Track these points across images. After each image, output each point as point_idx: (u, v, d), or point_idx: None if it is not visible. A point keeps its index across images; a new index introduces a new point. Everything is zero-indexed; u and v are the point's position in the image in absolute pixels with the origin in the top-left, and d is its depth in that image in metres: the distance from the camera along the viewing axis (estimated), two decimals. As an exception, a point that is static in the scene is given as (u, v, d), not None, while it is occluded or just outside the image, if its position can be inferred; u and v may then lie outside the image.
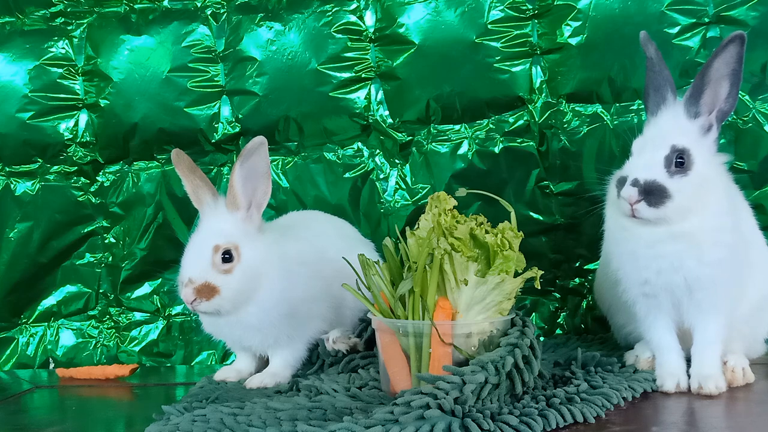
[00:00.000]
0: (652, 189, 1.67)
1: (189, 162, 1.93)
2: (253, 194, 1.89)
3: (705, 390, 1.69)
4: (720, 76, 1.72)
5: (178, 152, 1.94)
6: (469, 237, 1.63)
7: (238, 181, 1.87)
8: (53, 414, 1.96)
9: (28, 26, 2.56)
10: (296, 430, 1.43)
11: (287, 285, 1.91)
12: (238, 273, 1.85)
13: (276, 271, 1.90)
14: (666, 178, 1.68)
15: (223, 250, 1.85)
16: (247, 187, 1.88)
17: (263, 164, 1.88)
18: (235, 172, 1.86)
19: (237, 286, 1.85)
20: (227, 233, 1.87)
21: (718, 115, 1.74)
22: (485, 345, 1.64)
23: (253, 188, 1.89)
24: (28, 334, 2.61)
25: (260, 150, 1.86)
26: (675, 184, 1.68)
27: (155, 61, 2.50)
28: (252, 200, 1.90)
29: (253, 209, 1.90)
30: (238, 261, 1.86)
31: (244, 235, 1.88)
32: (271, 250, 1.91)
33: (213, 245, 1.85)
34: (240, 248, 1.86)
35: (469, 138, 2.45)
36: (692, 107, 1.74)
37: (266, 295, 1.89)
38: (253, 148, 1.84)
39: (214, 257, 1.85)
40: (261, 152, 1.86)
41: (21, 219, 2.56)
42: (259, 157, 1.86)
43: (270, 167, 1.89)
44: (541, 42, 2.38)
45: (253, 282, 1.87)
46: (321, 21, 2.46)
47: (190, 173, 1.92)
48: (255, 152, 1.85)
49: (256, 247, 1.89)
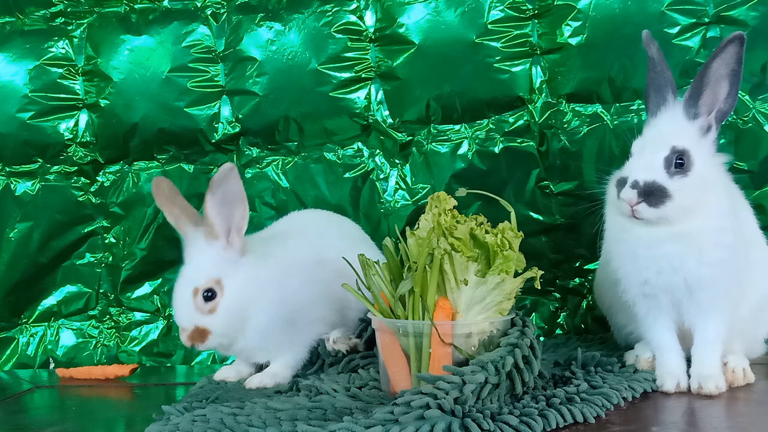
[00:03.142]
0: (652, 190, 1.68)
1: (168, 191, 1.90)
2: (231, 220, 1.86)
3: (705, 390, 1.69)
4: (719, 76, 1.72)
5: (157, 181, 1.91)
6: (469, 237, 1.63)
7: (212, 211, 1.83)
8: (53, 414, 1.96)
9: (28, 26, 2.56)
10: (296, 430, 1.43)
11: (281, 297, 1.90)
12: (222, 309, 1.84)
13: (266, 290, 1.89)
14: (666, 178, 1.69)
15: (202, 291, 1.84)
16: (223, 214, 1.84)
17: (236, 188, 1.84)
18: (208, 202, 1.82)
19: (225, 322, 1.85)
20: (207, 269, 1.85)
21: (718, 115, 1.75)
22: (485, 345, 1.64)
23: (230, 214, 1.85)
24: (29, 334, 2.61)
25: (231, 176, 1.82)
26: (675, 185, 1.68)
27: (155, 61, 2.51)
28: (231, 226, 1.86)
29: (233, 235, 1.86)
30: (221, 296, 1.84)
31: (226, 264, 1.86)
32: (257, 270, 1.88)
33: (192, 289, 1.84)
34: (222, 281, 1.84)
35: (469, 138, 2.45)
36: (691, 108, 1.74)
37: (261, 316, 1.88)
38: (222, 176, 1.81)
39: (195, 300, 1.83)
40: (232, 178, 1.82)
41: (21, 219, 2.56)
42: (231, 182, 1.83)
43: (244, 190, 1.86)
44: (541, 42, 2.38)
45: (242, 311, 1.86)
46: (321, 21, 2.46)
47: (170, 203, 1.90)
48: (225, 179, 1.81)
49: (239, 274, 1.86)
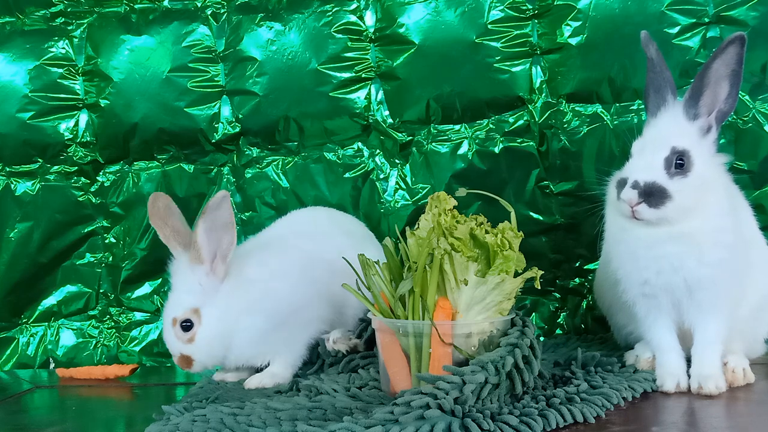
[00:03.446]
0: (652, 190, 1.68)
1: (163, 210, 1.91)
2: (218, 246, 1.88)
3: (705, 390, 1.69)
4: (720, 77, 1.72)
5: (154, 198, 1.92)
6: (469, 237, 1.63)
7: (202, 235, 1.85)
8: (53, 414, 1.96)
9: (28, 26, 2.56)
10: (296, 430, 1.43)
11: (266, 310, 1.91)
12: (200, 339, 1.87)
13: (244, 314, 1.89)
14: (666, 179, 1.69)
15: (180, 321, 1.87)
16: (211, 239, 1.87)
17: (227, 216, 1.86)
18: (199, 227, 1.85)
19: (205, 351, 1.88)
20: (185, 299, 1.88)
21: (718, 115, 1.74)
22: (485, 345, 1.64)
23: (218, 240, 1.87)
24: (29, 334, 2.61)
25: (223, 203, 1.84)
26: (675, 185, 1.68)
27: (155, 61, 2.51)
28: (217, 252, 1.88)
29: (218, 261, 1.88)
30: (198, 325, 1.87)
31: (205, 293, 1.88)
32: (236, 294, 1.89)
33: (171, 318, 1.88)
34: (200, 310, 1.87)
35: (469, 138, 2.45)
36: (691, 108, 1.74)
37: (244, 338, 1.90)
38: (216, 203, 1.83)
39: (175, 330, 1.87)
40: (224, 205, 1.85)
41: (21, 219, 2.56)
42: (222, 209, 1.85)
43: (234, 218, 1.88)
44: (541, 42, 2.38)
45: (221, 338, 1.88)
46: (321, 21, 2.46)
47: (162, 223, 1.91)
48: (219, 206, 1.84)
49: (217, 302, 1.88)
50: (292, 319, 1.94)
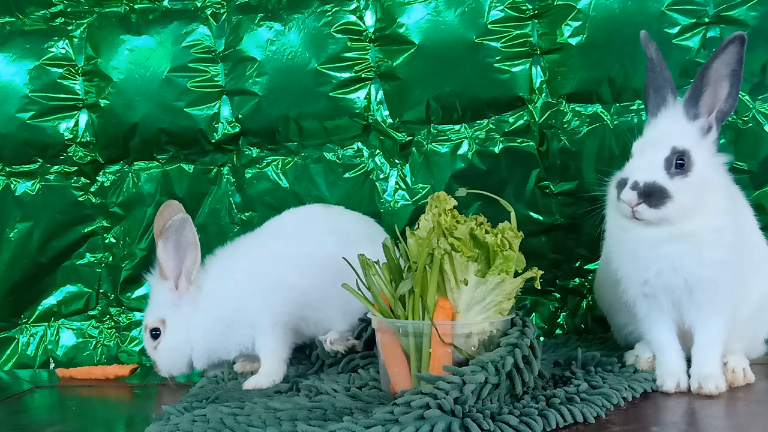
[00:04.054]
0: (652, 190, 1.68)
1: (161, 226, 2.00)
2: (182, 266, 2.00)
3: (705, 390, 1.69)
4: (720, 76, 1.72)
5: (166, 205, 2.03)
6: (469, 237, 1.63)
7: (163, 255, 1.99)
8: (53, 414, 1.96)
9: (28, 26, 2.56)
10: (296, 430, 1.43)
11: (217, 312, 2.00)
12: (162, 348, 2.02)
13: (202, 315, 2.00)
14: (666, 179, 1.69)
15: (149, 329, 2.04)
16: (174, 260, 1.99)
17: (190, 237, 1.98)
18: (159, 247, 1.98)
19: (166, 360, 2.03)
20: (154, 309, 2.04)
21: (718, 115, 1.74)
22: (485, 345, 1.64)
23: (181, 260, 2.00)
24: (29, 334, 2.61)
25: (184, 224, 1.96)
26: (675, 185, 1.68)
27: (155, 61, 2.50)
28: (181, 270, 2.00)
29: (182, 280, 2.00)
30: (163, 335, 2.02)
31: (169, 306, 2.02)
32: (195, 303, 2.00)
33: (144, 326, 2.05)
34: (166, 322, 2.02)
35: (469, 138, 2.45)
36: (692, 108, 1.74)
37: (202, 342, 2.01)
38: (176, 225, 1.95)
39: (146, 336, 2.05)
40: (186, 226, 1.97)
41: (21, 219, 2.56)
42: (185, 230, 1.97)
43: (197, 238, 1.99)
44: (541, 42, 2.38)
45: (180, 348, 2.02)
46: (321, 21, 2.46)
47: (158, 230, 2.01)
48: (180, 228, 1.96)
49: (179, 316, 2.00)
50: (260, 323, 1.99)
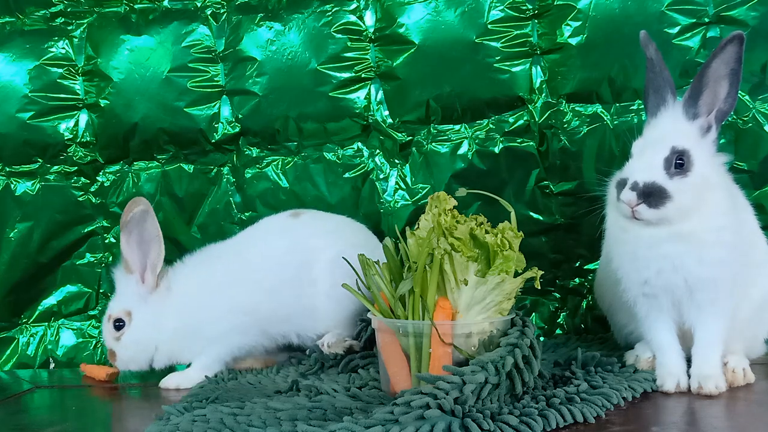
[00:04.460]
0: (652, 190, 1.68)
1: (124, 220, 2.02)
2: (146, 259, 2.03)
3: (705, 390, 1.69)
4: (719, 76, 1.72)
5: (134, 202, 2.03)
6: (469, 237, 1.63)
7: (127, 248, 2.02)
8: (53, 414, 1.96)
9: (28, 26, 2.56)
10: (296, 430, 1.43)
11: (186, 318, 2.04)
12: (126, 339, 2.05)
13: (168, 323, 2.04)
14: (666, 179, 1.68)
15: (113, 319, 2.07)
16: (138, 253, 2.03)
17: (153, 228, 2.02)
18: (122, 240, 2.01)
19: (128, 352, 2.06)
20: (120, 300, 2.08)
21: (718, 115, 1.74)
22: (485, 345, 1.64)
23: (145, 253, 2.03)
24: (29, 334, 2.61)
25: (146, 217, 2.00)
26: (675, 185, 1.68)
27: (155, 61, 2.50)
28: (146, 263, 2.03)
29: (148, 273, 2.04)
30: (128, 326, 2.04)
31: (137, 299, 2.05)
32: (164, 303, 2.05)
33: (108, 315, 2.08)
34: (132, 313, 2.05)
35: (469, 138, 2.45)
36: (691, 108, 1.74)
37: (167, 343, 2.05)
38: (135, 217, 1.99)
39: (108, 326, 2.08)
40: (148, 218, 2.00)
41: (21, 219, 2.56)
42: (147, 222, 2.00)
43: (160, 230, 2.03)
44: (541, 42, 2.38)
45: (145, 343, 2.05)
46: (321, 21, 2.46)
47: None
48: (141, 220, 1.99)
49: (146, 310, 2.04)
50: (209, 328, 2.04)
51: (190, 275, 2.09)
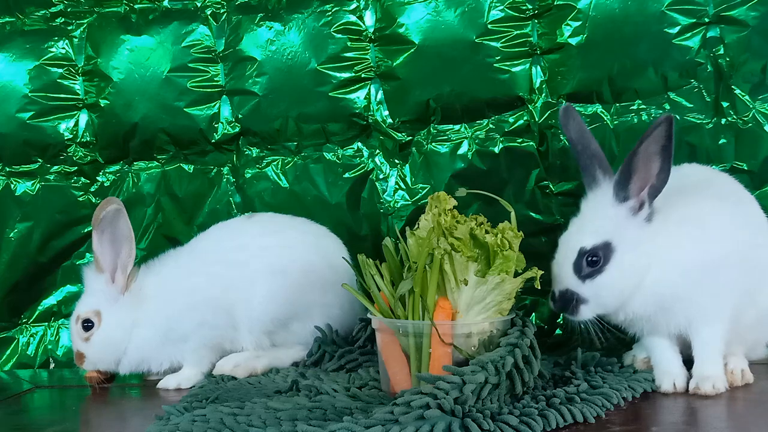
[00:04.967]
0: (565, 299, 1.72)
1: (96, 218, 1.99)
2: (117, 258, 2.02)
3: (701, 390, 1.68)
4: (650, 154, 1.67)
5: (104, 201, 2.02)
6: (469, 237, 1.63)
7: (98, 248, 2.01)
8: (53, 414, 1.96)
9: (28, 26, 2.56)
10: (296, 430, 1.43)
11: (158, 322, 2.03)
12: (95, 339, 2.03)
13: (143, 322, 2.03)
14: (578, 284, 1.71)
15: (81, 320, 2.04)
16: (109, 252, 2.01)
17: (125, 228, 2.01)
18: (94, 239, 2.00)
19: (97, 353, 2.04)
20: (89, 300, 2.05)
21: (650, 191, 1.71)
22: (485, 345, 1.64)
23: (116, 253, 2.02)
24: (29, 334, 2.61)
25: (118, 216, 1.98)
26: (588, 289, 1.70)
27: (155, 61, 2.50)
28: (117, 263, 2.02)
29: (118, 273, 2.03)
30: (98, 327, 2.03)
31: (107, 299, 2.04)
32: (135, 304, 2.03)
33: (75, 316, 2.05)
34: (101, 314, 2.03)
35: (469, 138, 2.45)
36: (621, 191, 1.72)
37: (137, 346, 2.04)
38: (107, 217, 1.97)
39: (76, 327, 2.04)
40: (120, 218, 1.99)
41: (21, 219, 2.56)
42: (119, 222, 1.99)
43: (132, 230, 2.02)
44: (541, 42, 2.38)
45: (115, 344, 2.03)
46: (321, 21, 2.46)
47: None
48: (113, 219, 1.98)
49: (117, 311, 2.03)
50: (179, 328, 2.03)
51: (157, 278, 2.08)
